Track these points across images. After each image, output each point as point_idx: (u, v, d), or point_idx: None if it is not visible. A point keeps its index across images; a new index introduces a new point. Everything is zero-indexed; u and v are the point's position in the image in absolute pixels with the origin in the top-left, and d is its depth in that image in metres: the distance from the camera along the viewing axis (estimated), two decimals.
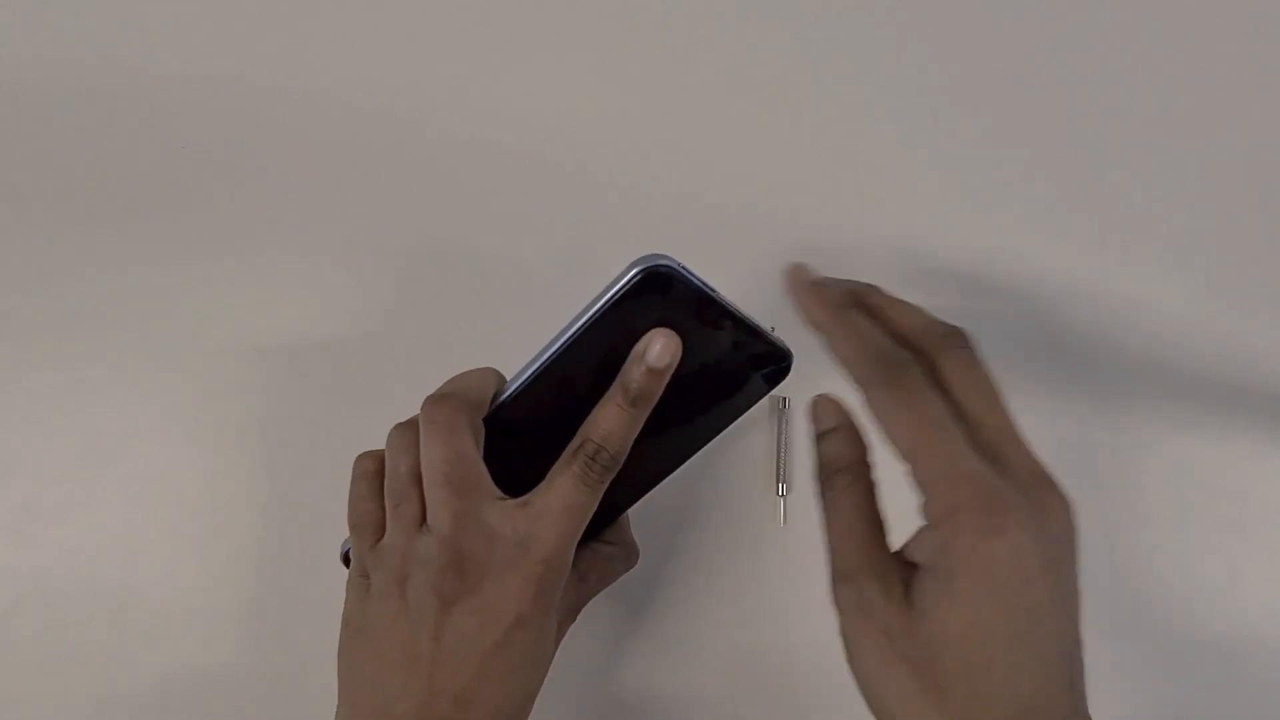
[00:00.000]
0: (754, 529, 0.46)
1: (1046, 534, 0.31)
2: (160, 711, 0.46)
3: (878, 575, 0.32)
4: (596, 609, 0.41)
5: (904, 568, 0.32)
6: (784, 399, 0.42)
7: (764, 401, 0.39)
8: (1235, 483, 0.44)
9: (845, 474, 0.34)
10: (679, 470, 0.40)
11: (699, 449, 0.39)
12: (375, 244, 0.47)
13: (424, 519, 0.36)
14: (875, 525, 0.33)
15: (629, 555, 0.41)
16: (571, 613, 0.39)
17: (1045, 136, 0.46)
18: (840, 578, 0.33)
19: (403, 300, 0.47)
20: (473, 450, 0.36)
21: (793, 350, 0.37)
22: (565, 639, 0.39)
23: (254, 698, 0.46)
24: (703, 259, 0.35)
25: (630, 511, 0.41)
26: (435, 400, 0.36)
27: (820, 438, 0.35)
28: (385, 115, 0.48)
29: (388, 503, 0.37)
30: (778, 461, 0.44)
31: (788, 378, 0.38)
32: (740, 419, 0.39)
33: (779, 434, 0.41)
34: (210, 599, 0.46)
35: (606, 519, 0.40)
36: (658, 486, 0.40)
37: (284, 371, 0.47)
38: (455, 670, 0.35)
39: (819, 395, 0.35)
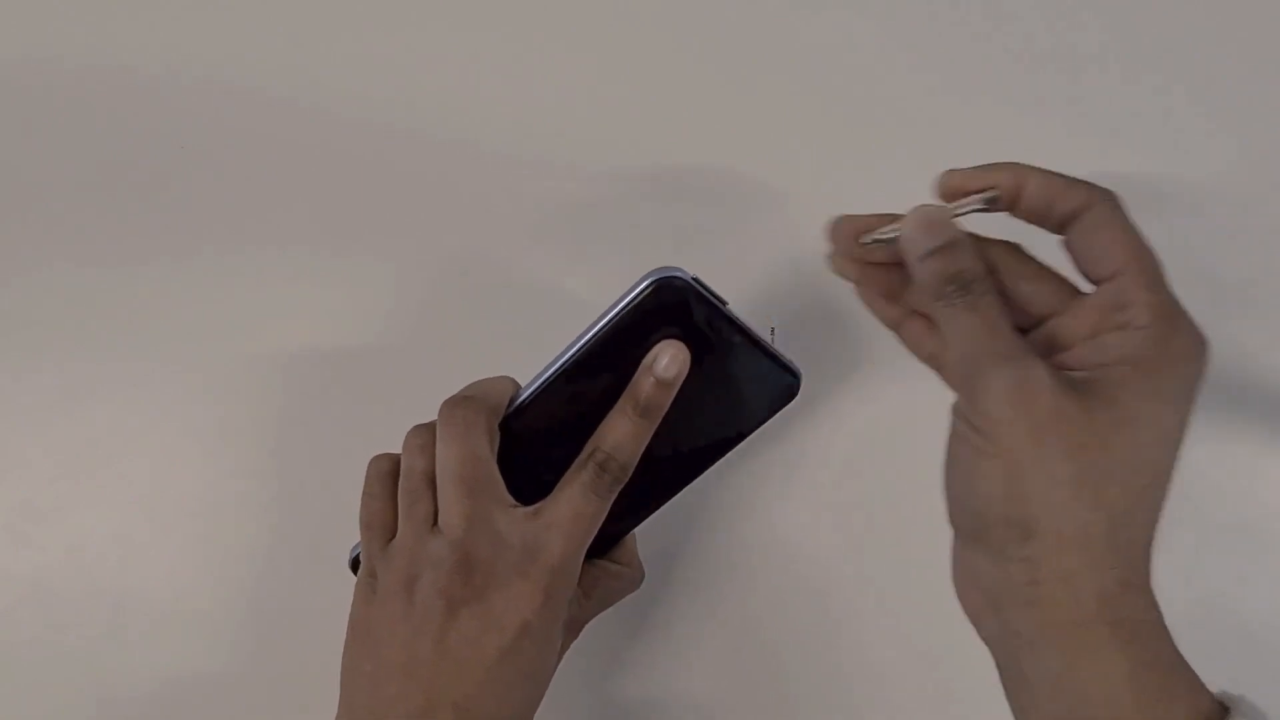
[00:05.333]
0: (752, 540, 0.46)
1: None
2: (159, 713, 0.45)
3: (1043, 360, 0.31)
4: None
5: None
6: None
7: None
8: (1240, 485, 0.44)
9: (981, 282, 0.32)
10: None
11: (707, 467, 0.39)
12: (379, 248, 0.47)
13: (436, 520, 0.36)
14: (1015, 330, 0.32)
15: (634, 575, 0.41)
16: (573, 630, 0.39)
17: (1045, 133, 0.46)
18: (1002, 358, 0.31)
19: (408, 306, 0.47)
20: (488, 453, 0.36)
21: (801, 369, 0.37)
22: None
23: (253, 700, 0.45)
24: (720, 269, 0.35)
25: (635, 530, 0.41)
26: (454, 403, 0.36)
27: (938, 252, 0.32)
28: (392, 119, 0.47)
29: (401, 502, 0.37)
30: None
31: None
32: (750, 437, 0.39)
33: None
34: (210, 600, 0.46)
35: (613, 538, 0.40)
36: (664, 507, 0.40)
37: (284, 374, 0.46)
38: (456, 678, 0.34)
39: (922, 206, 0.33)
